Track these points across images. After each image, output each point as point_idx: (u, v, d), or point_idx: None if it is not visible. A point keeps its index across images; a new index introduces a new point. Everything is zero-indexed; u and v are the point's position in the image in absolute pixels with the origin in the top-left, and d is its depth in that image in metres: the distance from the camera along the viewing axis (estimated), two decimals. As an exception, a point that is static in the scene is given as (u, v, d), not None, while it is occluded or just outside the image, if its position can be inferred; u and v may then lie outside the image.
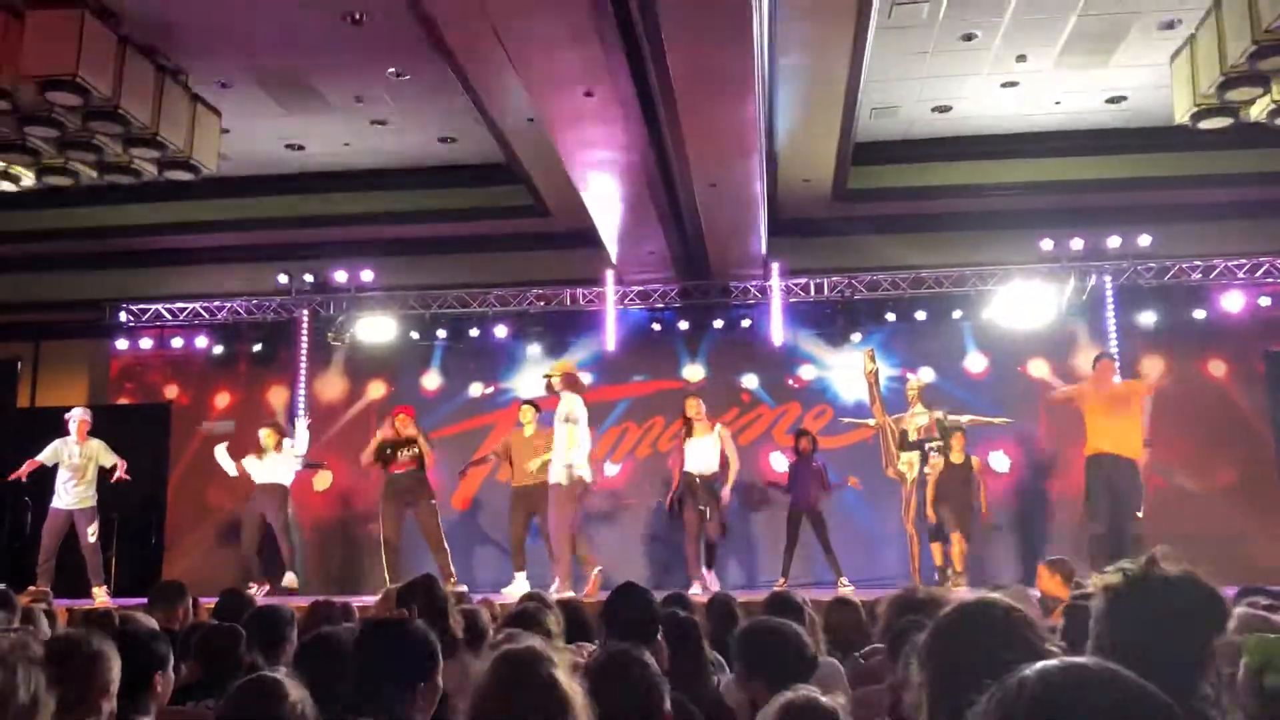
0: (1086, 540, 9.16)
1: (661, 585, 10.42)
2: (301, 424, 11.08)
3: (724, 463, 9.84)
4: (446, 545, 9.89)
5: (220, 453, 10.40)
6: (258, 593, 9.09)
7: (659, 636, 3.56)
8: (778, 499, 10.74)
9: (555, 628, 3.63)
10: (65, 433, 9.50)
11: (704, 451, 9.86)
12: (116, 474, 9.50)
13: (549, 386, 9.46)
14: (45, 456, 9.42)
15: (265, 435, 10.40)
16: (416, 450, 10.09)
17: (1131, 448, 8.91)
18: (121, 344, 12.60)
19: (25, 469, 9.43)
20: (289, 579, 10.04)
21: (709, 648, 3.80)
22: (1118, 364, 9.56)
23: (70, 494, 9.36)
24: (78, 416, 9.55)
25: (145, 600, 5.81)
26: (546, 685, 2.10)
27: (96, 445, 9.54)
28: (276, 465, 10.34)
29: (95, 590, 9.30)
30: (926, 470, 9.87)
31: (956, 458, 9.84)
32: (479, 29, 7.21)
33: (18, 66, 7.56)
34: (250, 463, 10.30)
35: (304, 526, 12.00)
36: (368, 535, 11.87)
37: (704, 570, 9.73)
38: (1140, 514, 8.74)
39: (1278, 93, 7.88)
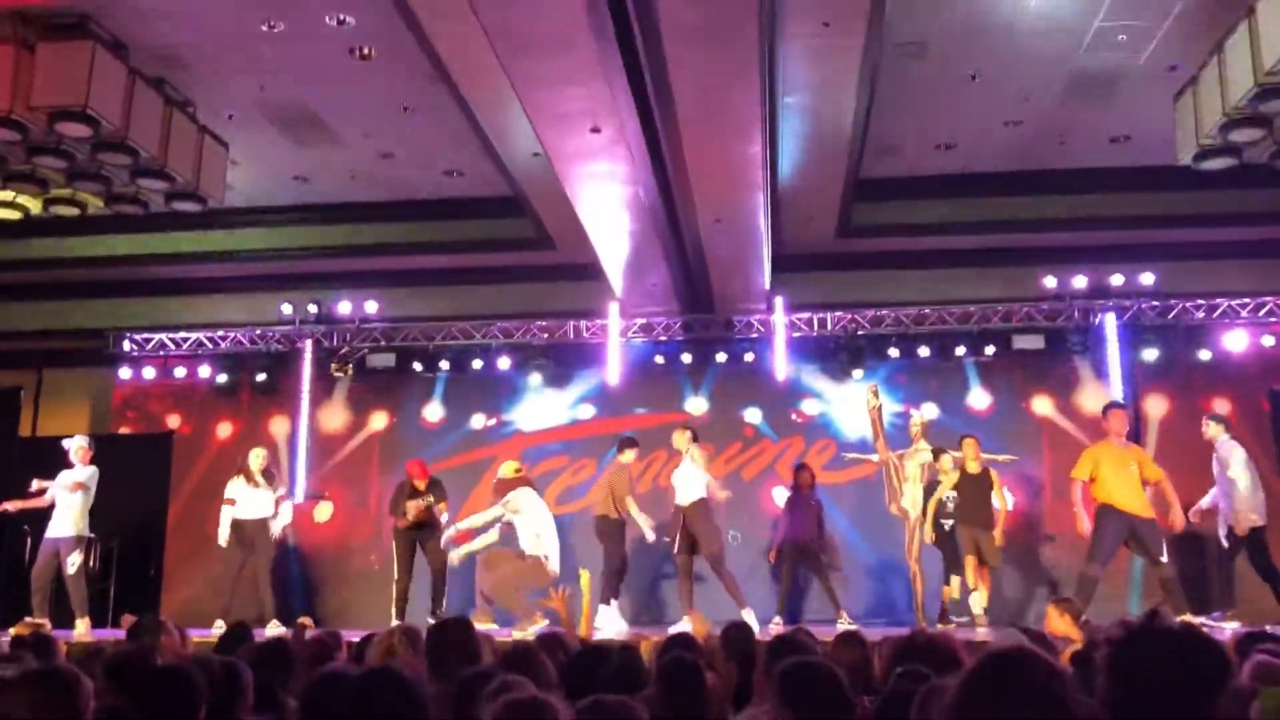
0: (1077, 577, 9.06)
1: (661, 621, 10.40)
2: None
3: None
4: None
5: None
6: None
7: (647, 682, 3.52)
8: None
9: (553, 675, 3.57)
10: (67, 462, 9.33)
11: (684, 481, 9.37)
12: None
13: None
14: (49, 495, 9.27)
15: (255, 457, 9.71)
16: (429, 500, 9.89)
17: (1142, 506, 8.71)
18: (124, 373, 12.60)
19: (25, 504, 9.30)
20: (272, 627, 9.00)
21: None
22: (1129, 411, 9.20)
23: (53, 522, 9.17)
24: (79, 444, 9.39)
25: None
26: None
27: (82, 472, 9.22)
28: (261, 497, 9.62)
29: (77, 622, 8.95)
30: (945, 497, 9.76)
31: (973, 467, 9.67)
32: (487, 66, 7.27)
33: (29, 98, 7.61)
34: (238, 488, 9.59)
35: (306, 556, 11.98)
36: (366, 567, 11.84)
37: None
38: (1164, 559, 8.61)
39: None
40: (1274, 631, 4.61)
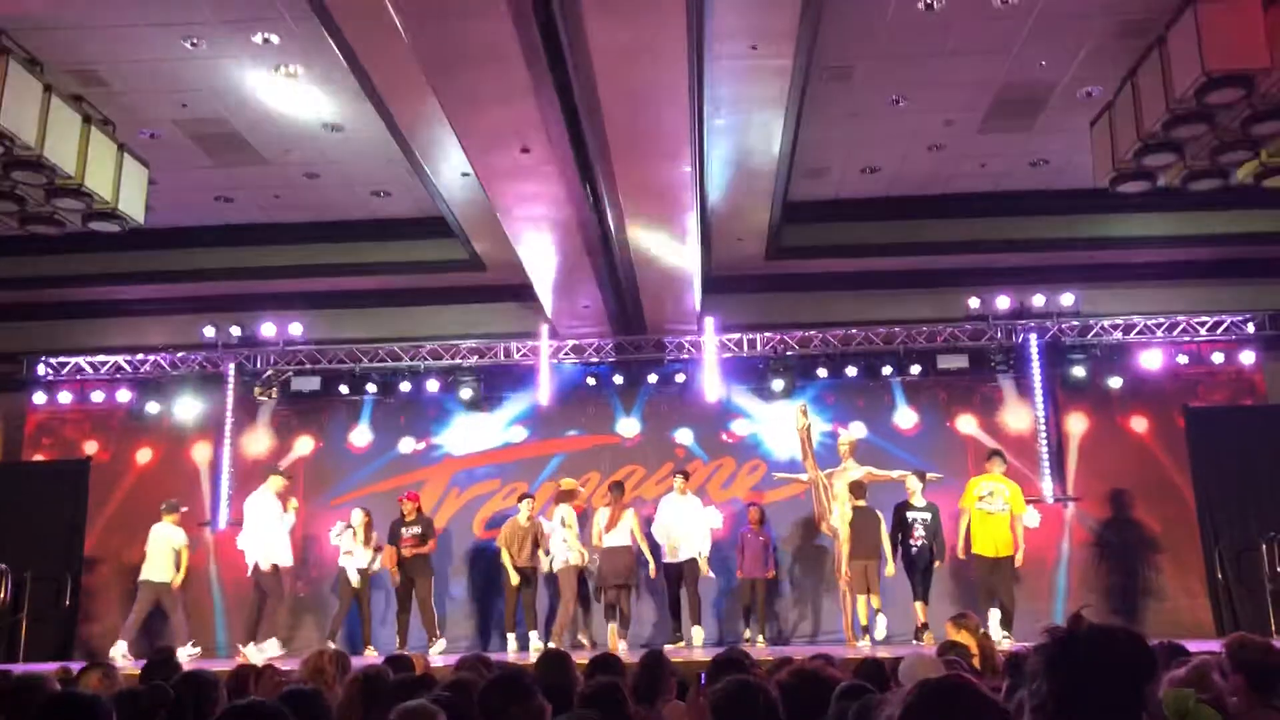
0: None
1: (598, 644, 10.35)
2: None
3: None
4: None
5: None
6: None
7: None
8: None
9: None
10: None
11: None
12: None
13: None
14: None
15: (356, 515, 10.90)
16: (419, 530, 10.64)
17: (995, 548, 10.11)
18: (39, 398, 12.19)
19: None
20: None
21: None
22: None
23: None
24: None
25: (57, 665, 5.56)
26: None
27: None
28: (362, 555, 10.71)
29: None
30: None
31: (863, 501, 10.16)
32: (414, 85, 7.21)
33: (-63, 114, 7.36)
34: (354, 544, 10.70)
35: (226, 584, 11.69)
36: (292, 594, 11.57)
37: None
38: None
39: (1190, 159, 8.17)
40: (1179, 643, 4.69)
